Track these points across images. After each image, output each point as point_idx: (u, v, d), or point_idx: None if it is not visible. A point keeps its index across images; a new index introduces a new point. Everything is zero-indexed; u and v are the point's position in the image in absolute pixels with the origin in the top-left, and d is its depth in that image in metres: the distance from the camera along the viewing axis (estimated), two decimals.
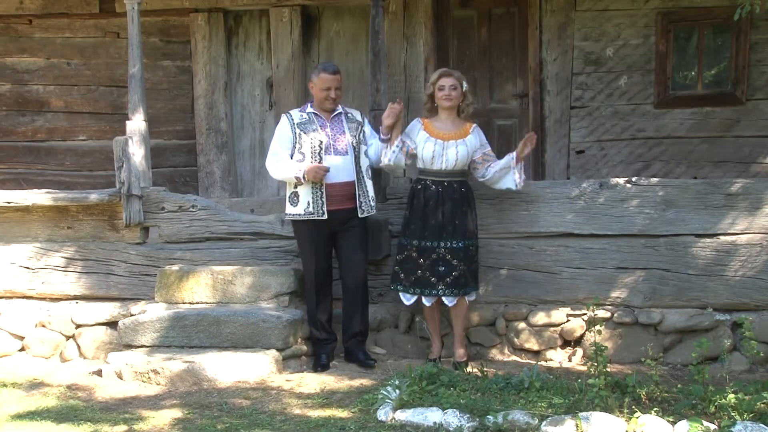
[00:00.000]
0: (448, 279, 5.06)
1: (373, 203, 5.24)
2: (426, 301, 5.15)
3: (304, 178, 5.07)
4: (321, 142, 5.14)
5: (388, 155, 5.19)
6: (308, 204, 5.12)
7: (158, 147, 7.07)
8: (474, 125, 5.25)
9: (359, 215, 5.16)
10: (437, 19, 6.97)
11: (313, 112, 5.25)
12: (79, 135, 7.52)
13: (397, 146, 5.17)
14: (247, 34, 7.31)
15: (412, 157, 5.22)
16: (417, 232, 5.13)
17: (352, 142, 5.20)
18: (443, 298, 5.11)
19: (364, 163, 5.23)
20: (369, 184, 5.23)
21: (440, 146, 5.11)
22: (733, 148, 6.60)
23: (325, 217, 5.10)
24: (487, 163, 5.20)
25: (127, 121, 5.79)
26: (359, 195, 5.17)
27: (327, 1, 7.02)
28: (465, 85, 5.21)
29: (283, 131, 5.25)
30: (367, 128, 5.35)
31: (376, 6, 5.60)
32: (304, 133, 5.17)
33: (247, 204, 6.84)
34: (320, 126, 5.20)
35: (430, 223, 5.10)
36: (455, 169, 5.13)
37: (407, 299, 5.19)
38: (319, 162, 5.11)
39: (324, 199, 5.10)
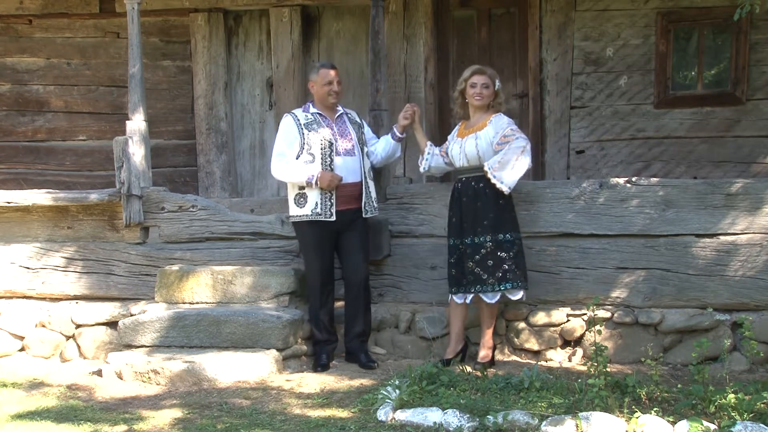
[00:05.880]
0: (462, 277, 5.05)
1: (376, 204, 5.26)
2: (457, 299, 5.12)
3: (316, 183, 5.04)
4: (331, 143, 5.11)
5: (423, 162, 5.32)
6: (316, 205, 5.07)
7: (158, 147, 7.07)
8: (494, 115, 5.08)
9: (363, 215, 5.16)
10: (437, 19, 6.96)
11: (318, 113, 5.21)
12: (79, 135, 7.53)
13: (429, 153, 5.27)
14: (247, 34, 7.31)
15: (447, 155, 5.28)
16: (449, 230, 5.16)
17: (358, 143, 5.21)
18: (455, 297, 5.10)
19: (367, 164, 5.25)
20: (371, 185, 5.25)
21: (458, 144, 5.12)
22: (733, 148, 6.59)
23: (333, 218, 5.08)
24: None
25: (127, 121, 5.79)
26: (364, 195, 5.16)
27: (327, 1, 7.01)
28: (498, 83, 5.13)
29: (289, 131, 5.17)
30: (366, 129, 5.37)
31: (376, 6, 5.60)
32: (312, 133, 5.12)
33: (247, 204, 6.83)
34: (327, 126, 5.17)
35: (452, 222, 5.13)
36: (470, 165, 5.08)
37: (458, 299, 5.12)
38: (330, 163, 5.09)
39: (333, 201, 5.08)
